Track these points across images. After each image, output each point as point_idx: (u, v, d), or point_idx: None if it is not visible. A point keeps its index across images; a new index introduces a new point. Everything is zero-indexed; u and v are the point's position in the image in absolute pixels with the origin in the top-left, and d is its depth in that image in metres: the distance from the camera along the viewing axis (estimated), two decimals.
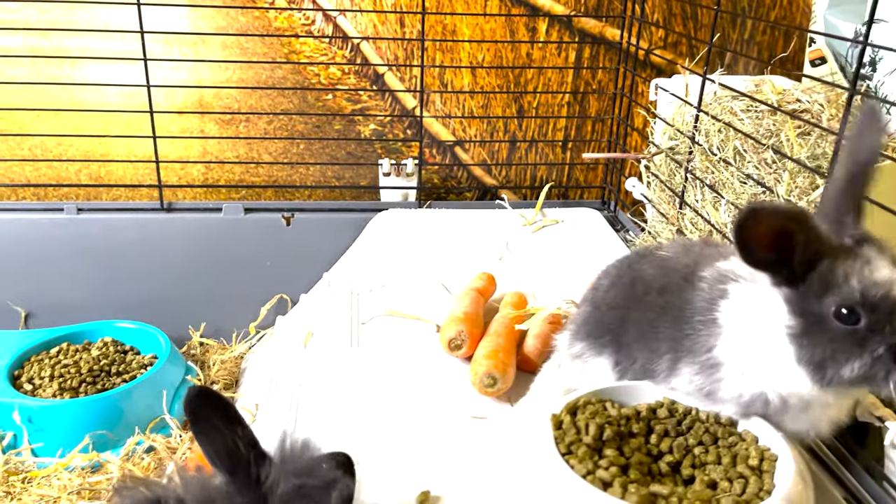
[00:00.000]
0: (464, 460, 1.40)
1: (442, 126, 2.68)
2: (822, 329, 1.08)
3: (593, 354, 1.40)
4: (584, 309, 1.48)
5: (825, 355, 1.08)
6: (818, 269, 1.07)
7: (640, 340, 1.31)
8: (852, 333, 1.05)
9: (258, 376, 2.30)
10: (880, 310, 1.04)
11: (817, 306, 1.07)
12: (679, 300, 1.26)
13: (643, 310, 1.31)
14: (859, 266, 1.06)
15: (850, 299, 1.05)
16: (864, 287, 1.05)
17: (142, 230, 2.49)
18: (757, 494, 1.14)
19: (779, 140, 1.61)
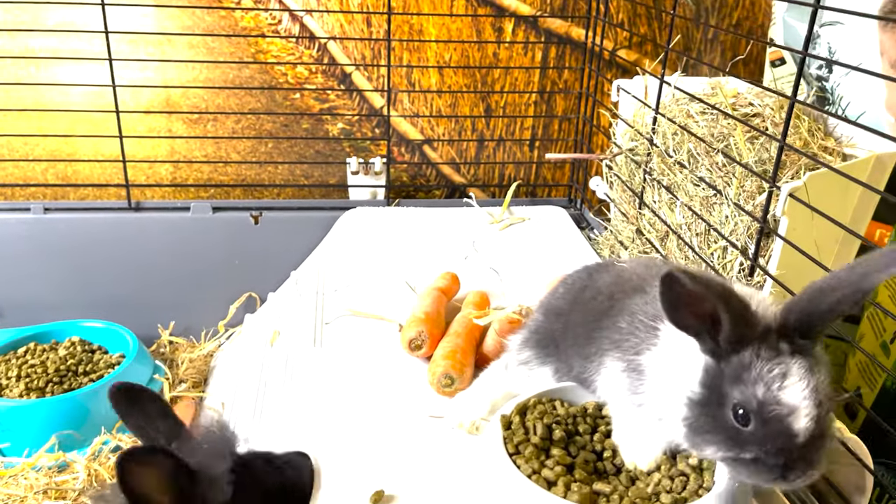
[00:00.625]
0: (419, 460, 1.43)
1: (410, 125, 2.70)
2: (717, 411, 1.09)
3: (538, 364, 1.46)
4: (536, 316, 1.54)
5: (706, 431, 1.10)
6: (740, 357, 1.07)
7: (575, 346, 1.35)
8: (736, 430, 1.07)
9: (226, 374, 2.32)
10: (769, 427, 1.04)
11: (724, 391, 1.08)
12: (624, 305, 1.29)
13: (585, 314, 1.35)
14: (774, 376, 1.05)
15: (749, 405, 1.05)
16: (765, 400, 1.04)
17: (110, 229, 2.50)
18: (696, 492, 1.19)
19: (729, 144, 1.65)
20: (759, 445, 1.04)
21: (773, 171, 1.44)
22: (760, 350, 1.06)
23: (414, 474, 1.39)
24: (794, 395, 1.04)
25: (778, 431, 1.04)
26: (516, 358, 1.50)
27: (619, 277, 1.38)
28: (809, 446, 1.04)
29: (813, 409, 1.04)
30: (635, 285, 1.33)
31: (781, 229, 1.43)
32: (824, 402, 1.05)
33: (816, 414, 1.04)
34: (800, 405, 1.03)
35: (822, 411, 1.04)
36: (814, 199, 1.39)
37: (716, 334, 1.07)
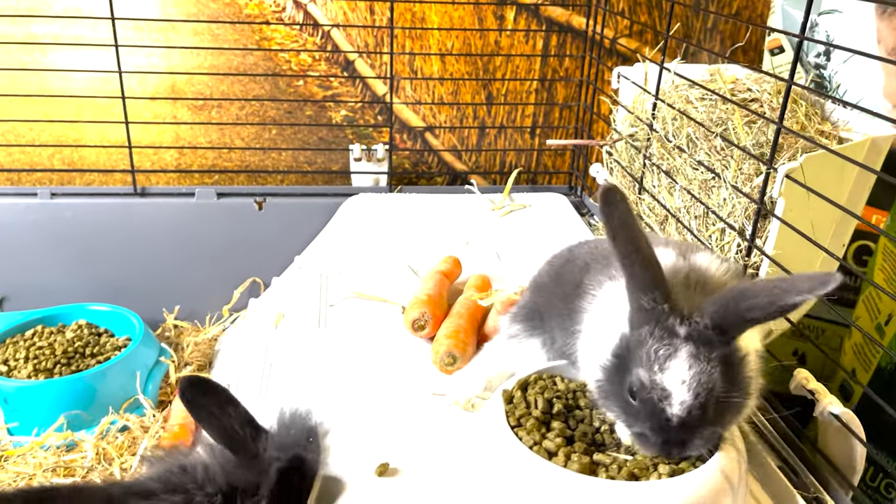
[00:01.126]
0: (423, 435, 1.46)
1: (412, 112, 2.73)
2: (619, 380, 1.14)
3: (526, 336, 1.50)
4: (526, 293, 1.59)
5: (608, 397, 1.17)
6: (640, 332, 1.11)
7: (557, 318, 1.39)
8: (629, 404, 1.13)
9: (231, 357, 2.35)
10: (646, 406, 1.10)
11: (627, 364, 1.13)
12: (591, 278, 1.32)
13: (563, 288, 1.39)
14: (658, 358, 1.09)
15: (633, 385, 1.11)
16: (646, 384, 1.09)
17: (115, 215, 2.53)
18: (693, 463, 1.22)
19: (727, 128, 1.68)
20: (642, 421, 1.11)
21: (771, 154, 1.47)
22: (655, 329, 1.10)
23: (418, 448, 1.42)
24: (671, 379, 1.08)
25: (652, 412, 1.09)
26: (506, 332, 1.54)
27: (593, 252, 1.42)
28: (686, 430, 1.09)
29: (687, 397, 1.07)
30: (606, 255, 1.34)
31: (778, 210, 1.46)
32: (704, 392, 1.07)
33: (690, 403, 1.07)
34: (673, 392, 1.08)
35: (698, 400, 1.07)
36: (810, 181, 1.42)
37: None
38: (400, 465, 1.37)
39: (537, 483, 1.18)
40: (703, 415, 1.10)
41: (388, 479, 1.34)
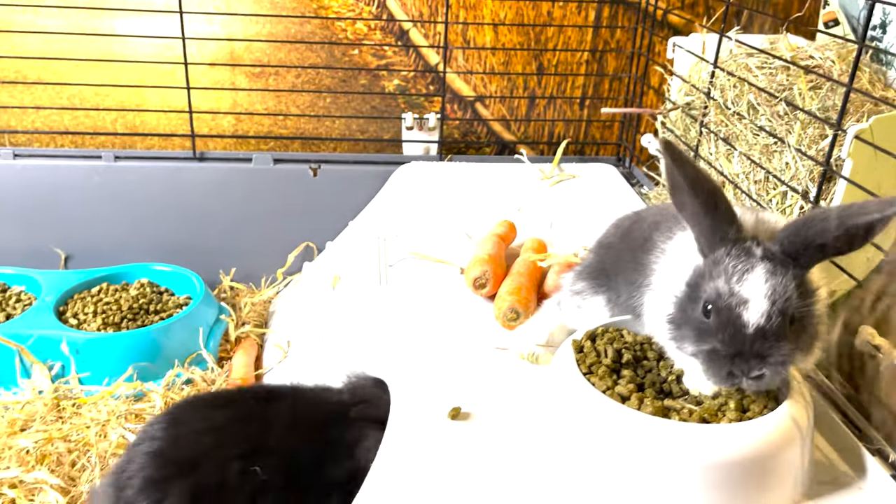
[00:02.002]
0: (490, 384, 1.51)
1: (463, 82, 2.76)
2: (692, 306, 1.19)
3: (591, 294, 1.54)
4: (588, 254, 1.64)
5: (681, 325, 1.21)
6: (715, 255, 1.17)
7: (623, 274, 1.43)
8: (703, 323, 1.17)
9: (288, 317, 2.42)
10: (720, 318, 1.14)
11: (701, 288, 1.18)
12: (658, 237, 1.37)
13: (631, 244, 1.44)
14: (737, 271, 1.14)
15: (709, 298, 1.16)
16: (722, 292, 1.14)
17: (175, 178, 2.60)
18: (761, 411, 1.26)
19: (791, 93, 1.70)
20: (716, 336, 1.14)
21: (839, 116, 1.49)
22: (733, 249, 1.16)
23: (487, 396, 1.47)
24: (749, 289, 1.13)
25: (729, 320, 1.13)
26: (570, 289, 1.58)
27: (663, 211, 1.47)
28: (762, 342, 1.12)
29: (766, 305, 1.12)
30: (674, 213, 1.37)
31: (845, 171, 1.49)
32: (781, 303, 1.12)
33: (769, 310, 1.12)
34: (751, 298, 1.12)
35: (776, 310, 1.12)
36: (878, 143, 1.44)
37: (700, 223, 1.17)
38: (472, 410, 1.43)
39: (612, 426, 1.23)
40: (780, 327, 1.13)
41: (461, 423, 1.40)
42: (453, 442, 1.35)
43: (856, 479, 1.29)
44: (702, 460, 1.17)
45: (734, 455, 1.17)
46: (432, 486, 1.26)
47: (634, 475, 1.20)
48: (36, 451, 1.81)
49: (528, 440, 1.35)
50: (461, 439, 1.35)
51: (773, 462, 1.20)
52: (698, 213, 1.17)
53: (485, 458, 1.30)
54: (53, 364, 2.10)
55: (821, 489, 1.26)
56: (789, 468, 1.22)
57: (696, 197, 1.15)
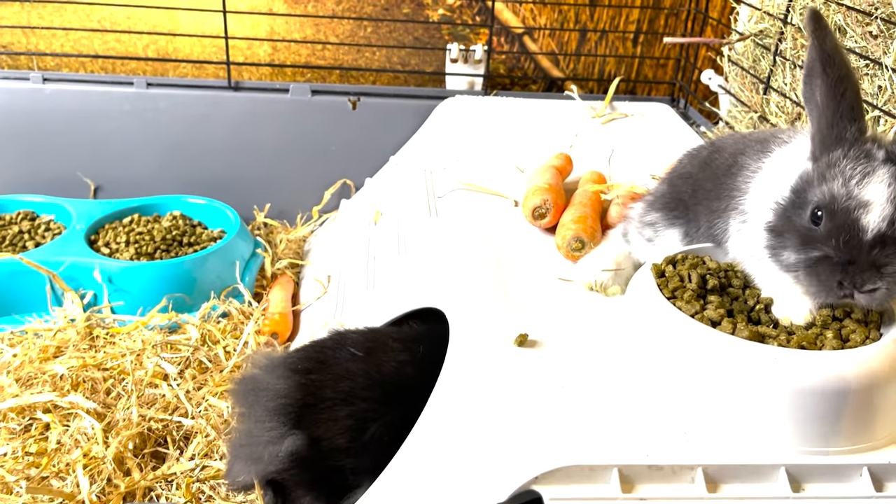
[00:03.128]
0: (556, 313, 1.41)
1: (512, 13, 2.62)
2: (797, 212, 1.09)
3: (666, 225, 1.44)
4: (660, 186, 1.53)
5: (781, 232, 1.11)
6: (829, 157, 1.08)
7: (705, 202, 1.33)
8: (809, 230, 1.07)
9: (327, 253, 2.33)
10: (834, 221, 1.04)
11: (808, 194, 1.08)
12: (748, 159, 1.27)
13: (713, 172, 1.34)
14: (851, 174, 1.05)
15: (822, 202, 1.06)
16: (838, 194, 1.05)
17: (209, 108, 2.49)
18: (863, 342, 1.15)
19: (886, 10, 1.56)
20: (826, 242, 1.05)
21: None
22: (851, 151, 1.07)
23: (555, 324, 1.37)
24: (871, 192, 1.04)
25: (845, 224, 1.04)
26: (641, 220, 1.48)
27: (743, 139, 1.38)
28: (880, 250, 1.03)
29: (889, 209, 1.02)
30: (760, 139, 1.32)
31: None
32: None
33: (891, 215, 1.02)
34: (873, 200, 1.03)
35: None
36: None
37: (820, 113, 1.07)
38: (539, 338, 1.33)
39: (704, 351, 1.12)
40: None
41: (529, 349, 1.30)
42: (521, 368, 1.25)
43: None
44: (802, 387, 1.07)
45: (838, 384, 1.07)
46: (498, 413, 1.16)
47: (729, 404, 1.10)
48: (70, 376, 1.74)
49: (604, 367, 1.25)
50: (530, 366, 1.25)
51: (879, 393, 1.10)
52: (825, 98, 1.06)
53: (557, 386, 1.21)
54: (85, 293, 2.03)
55: None
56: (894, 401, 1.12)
57: (826, 76, 1.04)
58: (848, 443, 1.08)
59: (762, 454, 1.06)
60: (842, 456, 1.07)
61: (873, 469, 1.05)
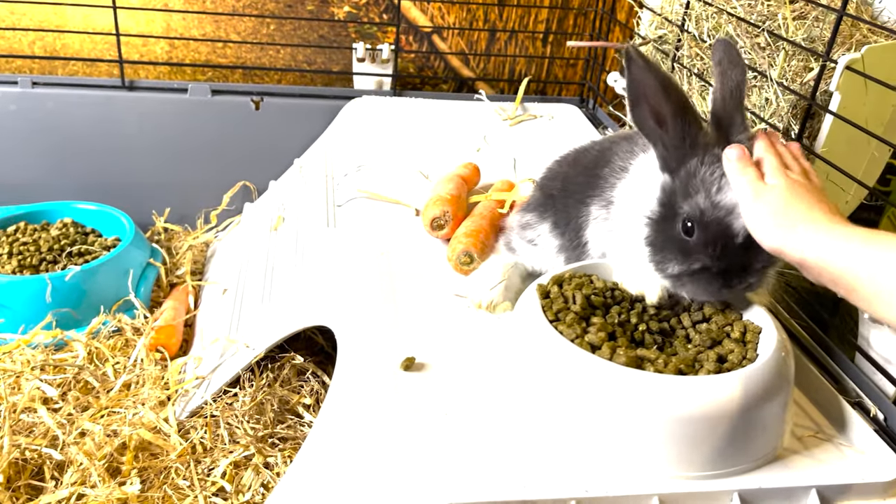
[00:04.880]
0: (447, 332, 1.38)
1: (419, 12, 2.57)
2: (670, 226, 1.15)
3: (538, 221, 1.48)
4: (535, 190, 1.59)
5: (663, 248, 1.16)
6: (687, 167, 1.13)
7: (574, 195, 1.38)
8: (685, 242, 1.13)
9: (226, 261, 2.25)
10: (708, 232, 1.10)
11: (678, 205, 1.13)
12: (613, 153, 1.34)
13: (580, 167, 1.41)
14: (714, 180, 1.11)
15: (692, 214, 1.11)
16: (706, 207, 1.10)
17: (101, 108, 2.37)
18: (740, 362, 1.16)
19: (774, 23, 1.58)
20: (703, 252, 1.11)
21: (828, 46, 1.38)
22: (705, 157, 1.13)
23: (443, 345, 1.35)
24: (732, 196, 1.10)
25: (718, 233, 1.10)
26: (519, 225, 1.52)
27: (611, 139, 1.46)
28: (749, 251, 1.10)
29: None
30: (627, 136, 1.40)
31: (833, 106, 1.38)
32: None
33: None
34: (736, 205, 1.09)
35: None
36: (869, 74, 1.33)
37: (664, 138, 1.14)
38: (427, 361, 1.30)
39: (583, 376, 1.11)
40: None
41: (415, 374, 1.27)
42: (405, 394, 1.22)
43: (836, 434, 1.21)
44: (678, 413, 1.07)
45: (713, 408, 1.07)
46: (380, 441, 1.13)
47: (605, 429, 1.09)
48: None
49: (488, 392, 1.23)
50: (414, 392, 1.22)
51: (753, 416, 1.11)
52: (672, 115, 1.12)
53: (440, 414, 1.18)
54: None
55: (800, 444, 1.18)
56: (770, 422, 1.13)
57: (668, 102, 1.10)
58: (721, 467, 1.09)
59: (636, 483, 1.06)
60: (714, 480, 1.08)
61: (744, 494, 1.06)
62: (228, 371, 1.70)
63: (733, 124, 1.19)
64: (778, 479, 1.08)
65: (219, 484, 1.53)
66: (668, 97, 1.10)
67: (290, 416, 1.67)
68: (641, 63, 1.09)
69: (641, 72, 1.09)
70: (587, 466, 1.08)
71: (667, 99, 1.10)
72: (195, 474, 1.54)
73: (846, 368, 1.34)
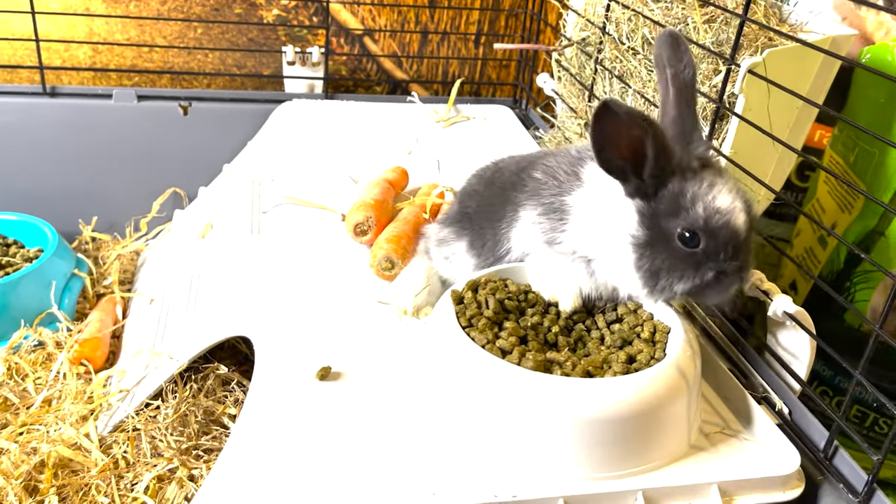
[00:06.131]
0: (367, 341, 1.38)
1: (350, 14, 2.56)
2: (666, 245, 1.15)
3: (454, 238, 1.48)
4: (453, 204, 1.59)
5: (662, 268, 1.16)
6: (669, 188, 1.14)
7: (487, 215, 1.39)
8: (691, 255, 1.14)
9: (155, 271, 2.21)
10: (718, 237, 1.13)
11: (665, 224, 1.14)
12: (534, 165, 1.33)
13: (496, 188, 1.41)
14: (705, 191, 1.13)
15: (694, 224, 1.13)
16: (708, 214, 1.12)
17: (22, 115, 2.30)
18: (648, 362, 1.19)
19: (686, 26, 1.61)
20: (715, 258, 1.13)
21: (733, 49, 1.41)
22: (686, 174, 1.14)
23: (362, 353, 1.35)
24: (726, 198, 1.13)
25: (728, 236, 1.12)
26: (436, 237, 1.52)
27: (522, 156, 1.47)
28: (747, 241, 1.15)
29: (742, 203, 1.14)
30: (541, 153, 1.42)
31: (738, 108, 1.41)
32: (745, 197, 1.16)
33: (745, 206, 1.15)
34: (735, 204, 1.13)
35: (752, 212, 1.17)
36: (772, 77, 1.37)
37: (641, 171, 1.13)
38: (343, 369, 1.30)
39: (491, 381, 1.12)
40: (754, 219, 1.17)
41: (330, 384, 1.27)
42: (320, 404, 1.22)
43: (742, 429, 1.24)
44: (582, 416, 1.09)
45: (618, 410, 1.10)
46: (294, 453, 1.13)
47: (514, 433, 1.11)
48: None
49: (403, 400, 1.23)
50: (329, 400, 1.22)
51: (659, 415, 1.13)
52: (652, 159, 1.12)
53: (353, 421, 1.18)
54: None
55: (707, 440, 1.21)
56: (675, 421, 1.16)
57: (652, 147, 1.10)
58: (627, 467, 1.11)
59: (543, 487, 1.07)
60: (620, 480, 1.10)
61: (648, 493, 1.09)
62: (152, 383, 1.67)
63: (693, 134, 1.22)
64: (681, 477, 1.11)
65: (140, 499, 1.51)
66: (651, 143, 1.09)
67: (215, 426, 1.64)
68: (624, 115, 1.06)
69: (617, 125, 1.08)
70: (496, 471, 1.10)
71: (650, 144, 1.10)
72: (116, 490, 1.51)
73: (756, 365, 1.38)
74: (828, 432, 1.21)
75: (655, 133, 1.09)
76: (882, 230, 1.69)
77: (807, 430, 1.26)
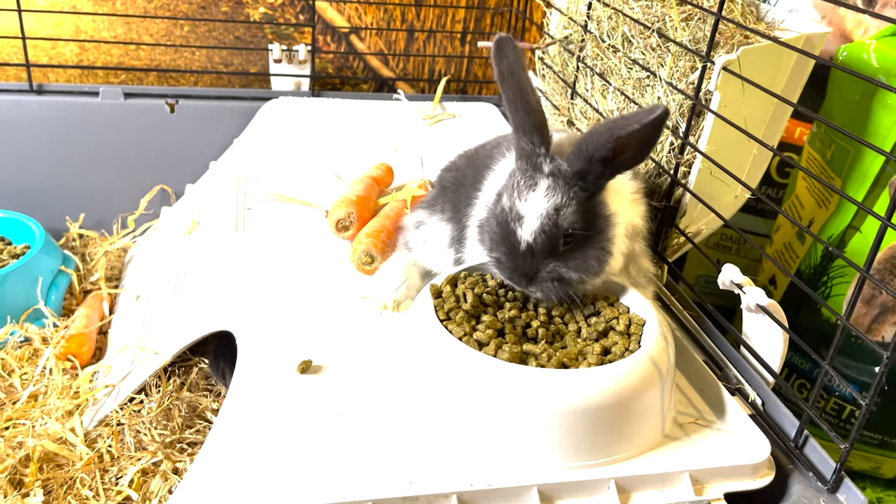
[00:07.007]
0: (348, 335, 1.40)
1: (336, 12, 2.57)
2: (490, 216, 1.28)
3: (428, 214, 1.52)
4: (433, 186, 1.65)
5: (485, 233, 1.28)
6: (516, 165, 1.24)
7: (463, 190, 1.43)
8: (495, 233, 1.23)
9: (142, 268, 2.22)
10: (501, 231, 1.22)
11: (501, 199, 1.24)
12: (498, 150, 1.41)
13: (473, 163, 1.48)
14: (521, 186, 1.19)
15: (499, 211, 1.22)
16: (503, 208, 1.21)
17: (9, 113, 2.31)
18: (622, 354, 1.21)
19: (664, 24, 1.63)
20: (499, 245, 1.21)
21: (708, 46, 1.43)
22: (525, 165, 1.21)
23: (343, 347, 1.36)
24: (526, 206, 1.18)
25: (505, 235, 1.19)
26: (413, 222, 1.55)
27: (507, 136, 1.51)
28: (531, 261, 1.18)
29: (536, 224, 1.17)
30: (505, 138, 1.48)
31: (713, 105, 1.44)
32: (552, 224, 1.17)
33: (537, 229, 1.17)
34: (525, 216, 1.17)
35: (544, 228, 1.17)
36: (746, 75, 1.39)
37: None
38: (324, 363, 1.32)
39: (467, 373, 1.14)
40: (551, 246, 1.18)
41: (311, 377, 1.28)
42: (301, 396, 1.24)
43: (715, 420, 1.27)
44: (556, 406, 1.11)
45: (591, 400, 1.12)
46: (275, 444, 1.14)
47: (490, 424, 1.13)
48: None
49: (382, 392, 1.25)
50: (310, 393, 1.24)
51: (632, 405, 1.16)
52: (511, 116, 1.20)
53: (333, 415, 1.20)
54: None
55: (681, 430, 1.23)
56: (648, 411, 1.18)
57: (510, 101, 1.19)
58: (600, 456, 1.13)
59: (517, 475, 1.09)
60: (593, 469, 1.12)
61: (620, 481, 1.11)
62: (137, 378, 1.68)
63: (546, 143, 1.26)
64: (653, 465, 1.13)
65: (125, 493, 1.52)
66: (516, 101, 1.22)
67: (198, 420, 1.66)
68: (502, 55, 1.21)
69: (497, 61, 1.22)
70: (472, 461, 1.12)
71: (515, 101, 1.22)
72: (100, 483, 1.53)
73: (731, 357, 1.40)
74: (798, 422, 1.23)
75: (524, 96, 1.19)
76: (857, 225, 1.72)
77: (779, 420, 1.29)
